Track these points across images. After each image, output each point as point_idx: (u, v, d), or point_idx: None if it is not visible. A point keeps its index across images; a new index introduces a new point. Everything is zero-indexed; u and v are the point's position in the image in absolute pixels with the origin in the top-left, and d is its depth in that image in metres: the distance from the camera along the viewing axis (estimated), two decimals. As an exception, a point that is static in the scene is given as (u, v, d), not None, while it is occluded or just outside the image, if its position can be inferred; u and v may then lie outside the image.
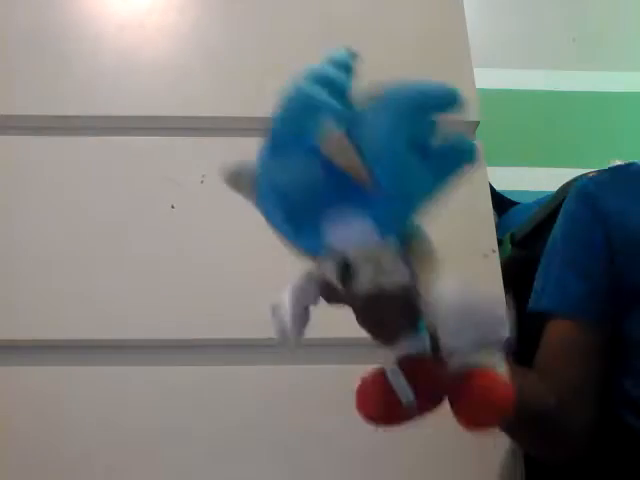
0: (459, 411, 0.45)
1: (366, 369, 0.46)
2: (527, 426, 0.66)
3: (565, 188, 0.91)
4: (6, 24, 0.92)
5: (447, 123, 0.40)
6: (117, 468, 0.75)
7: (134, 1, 0.95)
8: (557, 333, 0.73)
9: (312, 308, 0.47)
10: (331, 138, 0.39)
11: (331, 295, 0.46)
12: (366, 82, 0.39)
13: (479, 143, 0.90)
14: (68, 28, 0.92)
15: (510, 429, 0.68)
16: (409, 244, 0.43)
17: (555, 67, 1.72)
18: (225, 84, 0.91)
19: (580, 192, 0.78)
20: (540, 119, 1.67)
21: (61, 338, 0.79)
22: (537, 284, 0.77)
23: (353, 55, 0.42)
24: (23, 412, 0.76)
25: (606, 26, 1.76)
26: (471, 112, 0.91)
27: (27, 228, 0.83)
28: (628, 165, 0.79)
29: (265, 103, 1.01)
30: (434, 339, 0.43)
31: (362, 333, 0.85)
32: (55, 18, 0.92)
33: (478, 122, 0.90)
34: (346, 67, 0.41)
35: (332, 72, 0.41)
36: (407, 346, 0.46)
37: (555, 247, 0.78)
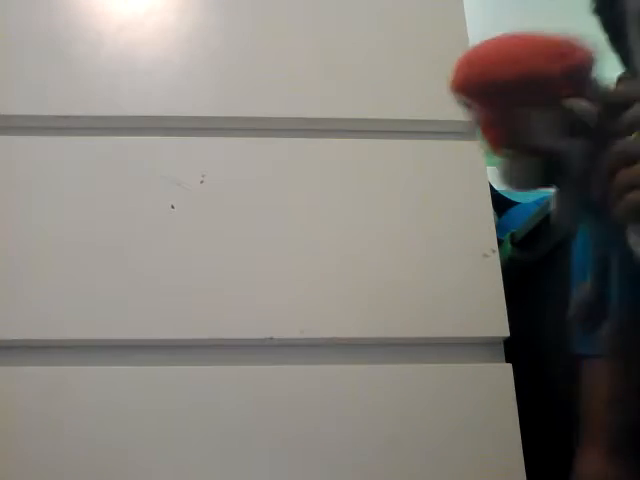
0: None
1: (368, 370, 0.46)
2: None
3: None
4: (6, 24, 0.92)
5: (448, 123, 0.40)
6: (117, 468, 0.75)
7: (134, 1, 0.94)
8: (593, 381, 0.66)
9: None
10: None
11: None
12: (366, 82, 0.39)
13: (479, 143, 0.90)
14: (68, 28, 0.92)
15: None
16: None
17: (555, 67, 1.72)
18: (225, 84, 0.91)
19: None
20: (540, 119, 1.66)
21: (61, 338, 0.79)
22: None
23: None
24: (23, 412, 0.76)
25: (606, 26, 1.76)
26: (471, 112, 0.90)
27: (27, 228, 0.83)
28: None
29: (265, 103, 1.01)
30: None
31: (367, 333, 0.84)
32: (55, 18, 0.92)
33: (478, 122, 0.90)
34: None
35: None
36: None
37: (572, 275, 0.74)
